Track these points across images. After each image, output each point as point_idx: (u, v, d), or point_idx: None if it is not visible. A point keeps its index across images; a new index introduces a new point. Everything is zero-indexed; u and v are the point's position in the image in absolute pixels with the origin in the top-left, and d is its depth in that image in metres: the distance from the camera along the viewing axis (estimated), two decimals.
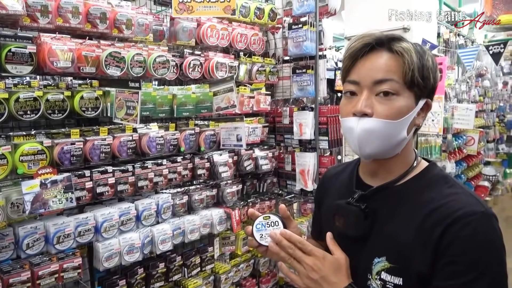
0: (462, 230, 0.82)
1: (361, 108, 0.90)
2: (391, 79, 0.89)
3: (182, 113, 2.31)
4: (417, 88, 0.90)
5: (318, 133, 2.78)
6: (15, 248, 1.74)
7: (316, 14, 2.69)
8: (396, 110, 0.89)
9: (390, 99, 0.89)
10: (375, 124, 0.89)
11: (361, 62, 0.93)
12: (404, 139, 0.93)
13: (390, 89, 0.89)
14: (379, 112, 0.89)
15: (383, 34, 0.93)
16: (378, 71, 0.90)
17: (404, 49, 0.89)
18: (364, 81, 0.91)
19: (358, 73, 0.93)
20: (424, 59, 0.91)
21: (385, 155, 0.96)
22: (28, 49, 1.71)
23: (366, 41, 0.92)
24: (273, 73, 2.97)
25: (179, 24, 2.34)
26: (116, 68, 1.96)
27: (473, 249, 0.81)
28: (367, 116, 0.90)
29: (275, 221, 1.00)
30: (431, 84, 0.93)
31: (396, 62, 0.89)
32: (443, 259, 0.83)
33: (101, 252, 1.93)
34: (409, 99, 0.90)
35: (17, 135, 1.70)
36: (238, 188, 2.65)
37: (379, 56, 0.91)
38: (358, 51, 0.92)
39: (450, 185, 0.93)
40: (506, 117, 7.95)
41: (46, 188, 1.66)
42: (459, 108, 4.46)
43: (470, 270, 0.81)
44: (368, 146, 0.92)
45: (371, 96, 0.91)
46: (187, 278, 2.43)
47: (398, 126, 0.90)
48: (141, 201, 2.14)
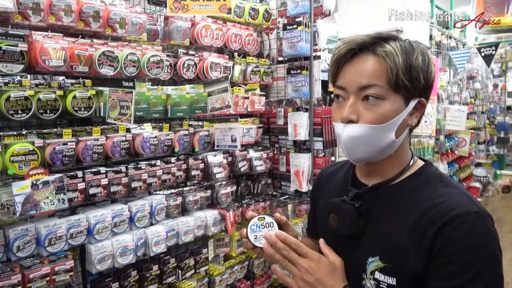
0: (457, 230, 0.81)
1: (346, 115, 0.91)
2: (375, 84, 0.88)
3: (176, 114, 2.28)
4: (404, 90, 0.89)
5: (312, 134, 2.77)
6: (5, 251, 1.69)
7: (310, 15, 2.69)
8: (381, 115, 0.89)
9: (376, 104, 0.89)
10: (359, 129, 0.90)
11: (347, 68, 0.92)
12: (393, 142, 0.92)
13: (374, 94, 0.88)
14: (364, 117, 0.90)
15: (368, 36, 0.92)
16: (363, 77, 0.89)
17: (387, 53, 0.88)
18: (350, 87, 0.91)
19: (344, 79, 0.93)
20: (411, 59, 0.89)
21: (375, 158, 0.96)
22: (19, 47, 1.67)
23: (350, 47, 0.91)
24: (267, 74, 2.96)
25: (173, 24, 2.32)
26: (110, 67, 1.93)
27: (468, 249, 0.81)
28: (352, 122, 0.90)
29: (269, 222, 0.99)
30: (421, 83, 0.91)
31: (380, 66, 0.88)
32: (437, 259, 0.82)
33: (94, 254, 1.90)
34: (396, 102, 0.90)
35: (7, 135, 1.66)
36: (233, 189, 2.63)
37: (363, 60, 0.90)
38: (342, 56, 0.92)
39: (444, 185, 0.93)
40: (496, 119, 8.06)
41: (37, 189, 1.63)
42: (451, 109, 4.51)
43: (466, 270, 0.80)
44: (355, 151, 0.94)
45: (357, 102, 0.91)
46: (181, 281, 2.40)
47: (385, 130, 0.90)
48: (135, 203, 2.11)
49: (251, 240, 0.98)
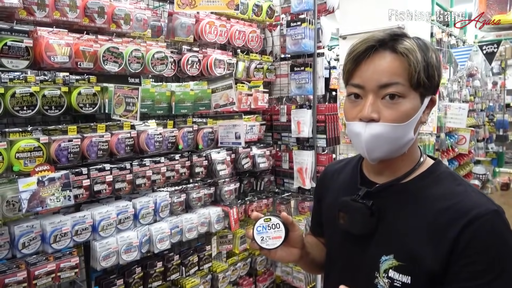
0: (479, 230, 0.82)
1: (367, 113, 0.88)
2: (396, 83, 0.87)
3: (180, 110, 2.28)
4: (423, 88, 0.89)
5: (316, 131, 2.77)
6: (10, 248, 1.69)
7: (314, 11, 2.68)
8: (404, 113, 0.88)
9: (397, 102, 0.87)
10: (382, 129, 0.88)
11: (365, 65, 0.90)
12: (411, 140, 0.92)
13: (396, 92, 0.87)
14: (386, 116, 0.87)
15: (385, 33, 0.91)
16: (383, 75, 0.87)
17: (408, 50, 0.87)
18: (369, 85, 0.89)
19: (362, 77, 0.90)
20: (428, 56, 0.89)
21: (392, 156, 0.95)
22: (25, 43, 1.66)
23: (369, 43, 0.90)
24: (270, 71, 2.95)
25: (177, 20, 2.31)
26: (114, 63, 1.92)
27: (491, 248, 0.81)
28: (374, 121, 0.88)
29: (276, 223, 0.98)
30: (436, 81, 0.91)
31: (401, 64, 0.87)
32: (461, 260, 0.82)
33: (99, 251, 1.89)
34: (415, 99, 0.89)
35: (12, 132, 1.65)
36: (236, 186, 2.63)
37: (382, 57, 0.89)
38: (361, 54, 0.90)
39: (458, 183, 0.93)
40: (495, 116, 8.07)
41: (43, 186, 1.62)
42: (452, 107, 4.51)
43: (490, 269, 0.80)
44: (376, 150, 0.91)
45: (376, 100, 0.89)
46: (185, 277, 2.40)
47: (406, 128, 0.89)
48: (139, 200, 2.11)
49: (258, 242, 0.98)
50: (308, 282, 2.90)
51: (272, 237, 0.98)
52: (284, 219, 1.00)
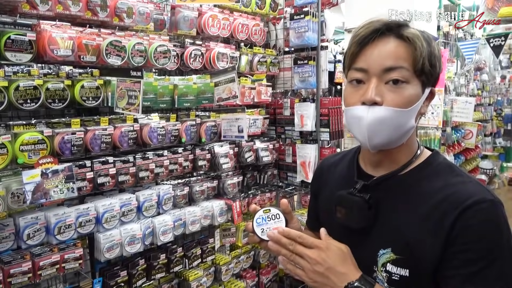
0: (473, 218, 0.81)
1: (371, 96, 0.86)
2: (401, 67, 0.86)
3: (183, 104, 2.28)
4: (425, 76, 0.89)
5: (319, 125, 2.76)
6: (15, 239, 1.72)
7: (318, 4, 2.67)
8: (407, 98, 0.87)
9: (400, 87, 0.87)
10: (386, 112, 0.86)
11: (369, 49, 0.89)
12: (412, 128, 0.92)
13: (400, 77, 0.86)
14: (389, 100, 0.86)
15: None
16: (388, 58, 0.87)
17: (414, 35, 0.88)
18: (373, 69, 0.88)
19: (366, 60, 0.89)
20: (431, 46, 0.89)
21: (392, 145, 0.94)
22: (28, 36, 1.68)
23: (375, 27, 0.89)
24: (274, 64, 2.95)
25: (180, 14, 2.31)
26: (117, 57, 1.93)
27: (484, 237, 0.81)
28: (377, 104, 0.87)
29: (275, 214, 0.97)
30: (437, 72, 0.92)
31: (406, 49, 0.87)
32: (454, 247, 0.82)
33: (102, 243, 1.92)
34: (417, 87, 0.89)
35: (17, 124, 1.67)
36: (239, 180, 2.64)
37: (387, 42, 0.88)
38: (366, 37, 0.89)
39: (456, 174, 0.92)
40: (503, 111, 7.97)
41: (47, 178, 1.64)
42: (459, 101, 4.47)
43: (481, 258, 0.80)
44: (378, 136, 0.89)
45: (380, 84, 0.87)
46: (188, 270, 2.42)
47: (408, 114, 0.88)
48: (142, 192, 2.13)
49: (258, 234, 0.96)
50: None
51: (273, 228, 0.95)
52: (284, 207, 0.99)
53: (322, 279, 0.86)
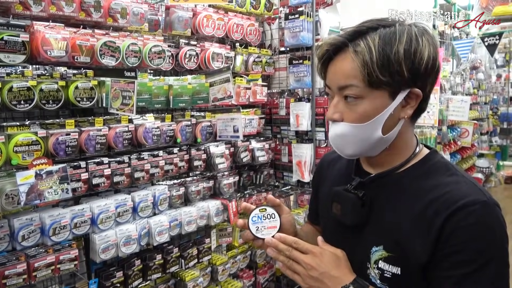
0: (465, 219, 0.81)
1: (329, 114, 0.93)
2: (351, 85, 0.88)
3: (178, 104, 2.28)
4: (386, 86, 0.85)
5: (315, 124, 2.77)
6: (10, 240, 1.71)
7: (313, 4, 2.67)
8: (361, 114, 0.89)
9: (354, 103, 0.89)
10: (343, 128, 0.91)
11: (330, 67, 0.93)
12: (380, 139, 0.90)
13: (351, 94, 0.88)
14: (347, 117, 0.91)
15: (346, 33, 0.89)
16: (340, 77, 0.89)
17: (357, 52, 0.85)
18: (333, 87, 0.93)
19: (328, 78, 0.94)
20: (391, 51, 0.83)
21: (368, 153, 0.96)
22: (21, 37, 1.67)
23: (324, 48, 0.91)
24: (269, 64, 2.95)
25: (175, 14, 2.31)
26: (111, 58, 1.93)
27: (476, 239, 0.80)
28: (337, 121, 0.92)
29: (271, 213, 0.99)
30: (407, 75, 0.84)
31: (356, 65, 0.86)
32: (445, 249, 0.82)
33: (98, 243, 1.91)
34: (378, 98, 0.87)
35: (10, 126, 1.67)
36: (235, 180, 2.64)
37: (342, 59, 0.89)
38: (320, 58, 0.93)
39: (451, 173, 0.91)
40: (499, 109, 8.01)
41: (41, 179, 1.64)
42: (454, 100, 4.48)
43: (474, 259, 0.80)
44: (344, 148, 0.95)
45: (340, 101, 0.92)
46: (184, 270, 2.42)
47: (368, 128, 0.89)
48: (138, 193, 2.12)
49: (252, 232, 0.98)
50: None
51: (268, 227, 0.98)
52: (271, 202, 1.02)
53: (317, 283, 0.90)
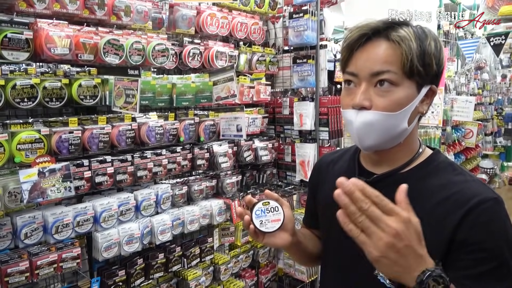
0: (480, 217, 0.82)
1: (359, 101, 0.88)
2: (388, 71, 0.86)
3: (182, 103, 2.28)
4: (418, 77, 0.88)
5: (318, 124, 2.75)
6: (13, 238, 1.71)
7: (317, 3, 2.66)
8: (395, 102, 0.87)
9: (389, 90, 0.87)
10: (373, 117, 0.88)
11: (359, 53, 0.90)
12: (405, 130, 0.91)
13: (387, 79, 0.87)
14: (378, 104, 0.87)
15: (380, 21, 0.90)
16: (376, 63, 0.87)
17: (401, 38, 0.86)
18: (362, 73, 0.89)
19: (356, 65, 0.91)
20: (425, 44, 0.87)
21: (385, 146, 0.94)
22: (25, 35, 1.67)
23: (363, 31, 0.89)
24: (273, 63, 2.94)
25: (179, 12, 2.30)
26: (115, 56, 1.92)
27: (492, 236, 0.81)
28: (365, 109, 0.88)
29: (274, 206, 0.97)
30: (434, 70, 0.89)
31: (394, 52, 0.87)
32: (463, 248, 0.82)
33: (100, 242, 1.91)
34: (410, 88, 0.88)
35: (14, 123, 1.67)
36: (238, 179, 2.63)
37: (376, 46, 0.88)
38: (354, 42, 0.90)
39: (457, 173, 0.92)
40: (504, 110, 7.96)
41: (44, 177, 1.63)
42: (459, 100, 4.46)
43: (492, 257, 0.80)
44: (368, 138, 0.91)
45: (369, 88, 0.89)
46: (187, 269, 2.41)
47: (398, 118, 0.88)
48: (140, 191, 2.12)
49: (256, 226, 0.96)
50: (310, 274, 2.90)
51: (271, 220, 0.97)
52: (269, 197, 0.99)
53: (397, 257, 0.70)
